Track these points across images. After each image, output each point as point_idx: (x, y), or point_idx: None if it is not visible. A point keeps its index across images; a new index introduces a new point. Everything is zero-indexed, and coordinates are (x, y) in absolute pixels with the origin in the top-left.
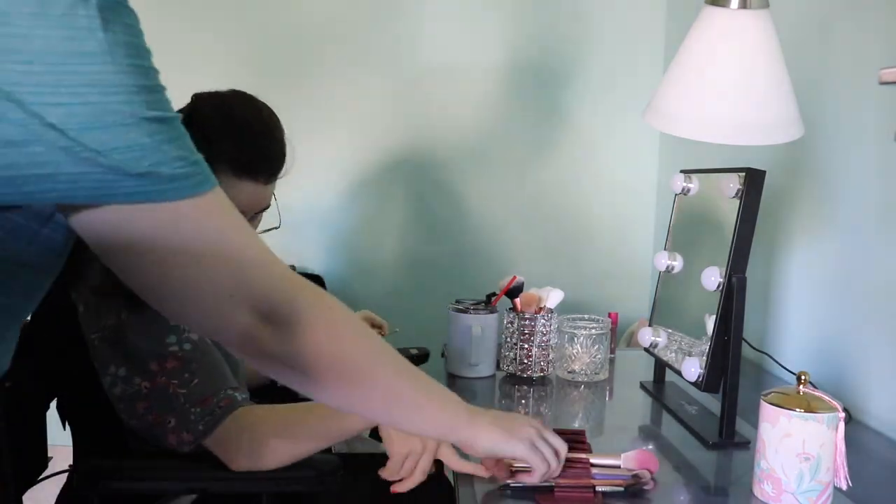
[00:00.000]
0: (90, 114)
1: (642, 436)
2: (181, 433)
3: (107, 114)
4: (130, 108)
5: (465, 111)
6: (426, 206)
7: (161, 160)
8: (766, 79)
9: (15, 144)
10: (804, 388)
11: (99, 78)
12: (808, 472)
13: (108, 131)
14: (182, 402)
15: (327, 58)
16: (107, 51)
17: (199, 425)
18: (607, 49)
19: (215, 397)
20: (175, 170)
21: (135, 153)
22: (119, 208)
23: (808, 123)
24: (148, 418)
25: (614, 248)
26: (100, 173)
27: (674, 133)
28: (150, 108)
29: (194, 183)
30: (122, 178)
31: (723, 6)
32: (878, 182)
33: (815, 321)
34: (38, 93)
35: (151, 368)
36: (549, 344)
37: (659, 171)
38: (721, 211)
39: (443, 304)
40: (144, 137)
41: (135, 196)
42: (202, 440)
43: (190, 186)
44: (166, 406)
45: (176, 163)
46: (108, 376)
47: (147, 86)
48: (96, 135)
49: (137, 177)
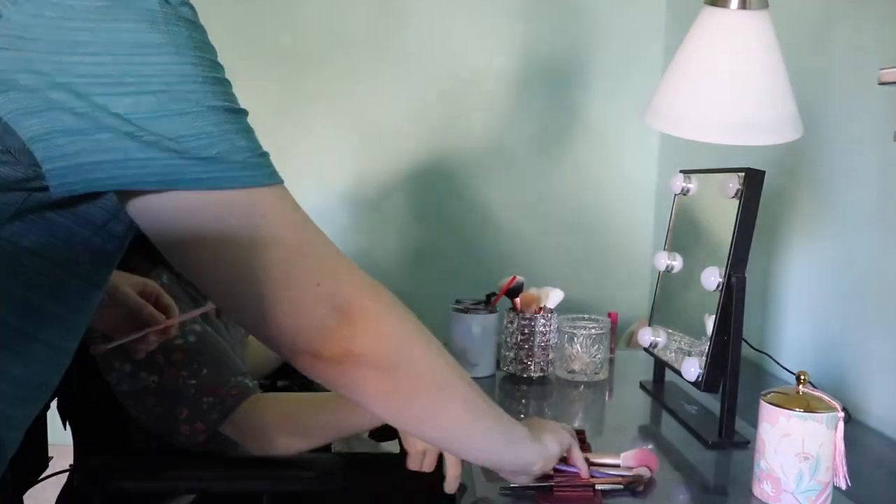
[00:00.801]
0: (155, 102)
1: (642, 435)
2: (195, 423)
3: (172, 101)
4: (196, 97)
5: (464, 113)
6: (426, 207)
7: (229, 148)
8: (766, 79)
9: (83, 132)
10: (803, 387)
11: (164, 68)
12: (808, 472)
13: (174, 119)
14: (193, 392)
15: (330, 59)
16: (170, 42)
17: (212, 414)
18: (607, 50)
19: (226, 385)
20: (245, 158)
21: (202, 141)
22: (187, 195)
23: (808, 124)
24: (157, 412)
25: (614, 248)
26: (167, 157)
27: (673, 133)
28: (216, 98)
29: (265, 174)
30: (190, 163)
31: (722, 7)
32: (878, 182)
33: (814, 321)
34: (103, 83)
35: (158, 361)
36: (549, 344)
37: (659, 171)
38: (720, 211)
39: (443, 304)
40: (211, 126)
41: (205, 182)
42: (216, 428)
43: (261, 176)
44: (176, 398)
45: (245, 152)
46: (113, 373)
47: (212, 77)
48: (163, 123)
49: (206, 161)
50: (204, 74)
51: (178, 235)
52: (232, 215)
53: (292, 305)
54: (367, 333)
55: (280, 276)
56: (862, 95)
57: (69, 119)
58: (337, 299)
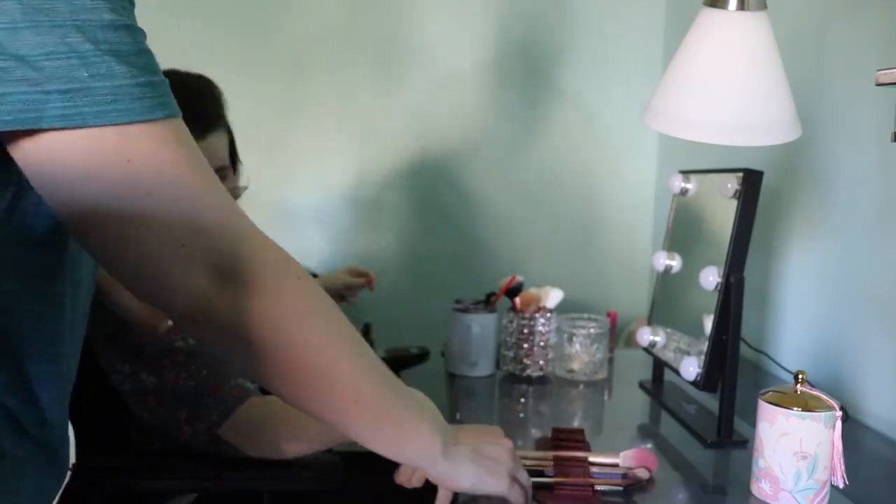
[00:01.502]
0: (21, 10)
1: (641, 435)
2: (195, 423)
3: (40, 11)
4: (69, 7)
5: (464, 112)
6: (426, 207)
7: (105, 73)
8: (764, 80)
9: None
10: (802, 387)
11: None
12: (806, 471)
13: (40, 32)
14: (193, 393)
15: (328, 58)
16: None
17: (212, 415)
18: (606, 51)
19: (226, 385)
20: (121, 87)
21: (70, 61)
22: (55, 136)
23: (806, 124)
24: (160, 412)
25: (613, 248)
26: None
27: (672, 134)
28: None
29: (146, 107)
30: (52, 97)
31: (721, 8)
32: (876, 182)
33: (812, 321)
34: None
35: (158, 363)
36: (549, 343)
37: (658, 171)
38: (719, 211)
39: (443, 304)
40: (86, 43)
41: (68, 118)
42: (216, 429)
43: (137, 111)
44: (176, 399)
45: (123, 78)
46: (116, 373)
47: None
48: (27, 38)
49: (71, 93)
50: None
51: (50, 180)
52: (96, 158)
53: (163, 267)
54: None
55: (149, 231)
56: (860, 96)
57: None
58: (214, 261)
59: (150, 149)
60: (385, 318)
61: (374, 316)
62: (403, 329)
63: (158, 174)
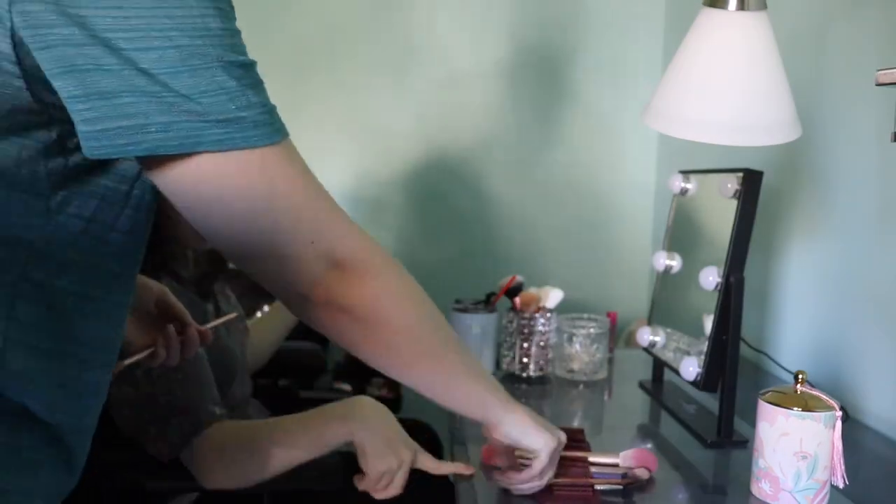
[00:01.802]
0: (179, 57)
1: (641, 435)
2: (158, 443)
3: (194, 56)
4: (216, 51)
5: (464, 113)
6: (426, 207)
7: (245, 104)
8: (764, 80)
9: (106, 97)
10: (802, 387)
11: (187, 22)
12: (806, 471)
13: (195, 74)
14: (163, 411)
15: (329, 58)
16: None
17: (175, 437)
18: (605, 50)
19: (194, 410)
20: (258, 116)
21: (221, 97)
22: (208, 158)
23: (806, 124)
24: (132, 424)
25: (613, 248)
26: (188, 121)
27: (672, 134)
28: (234, 51)
29: (275, 130)
30: (210, 126)
31: (721, 8)
32: (875, 182)
33: (812, 321)
34: (130, 38)
35: (136, 375)
36: (549, 343)
37: (657, 171)
38: (719, 211)
39: (443, 304)
40: (230, 81)
41: (223, 143)
42: (177, 453)
43: (271, 133)
44: (148, 414)
45: (258, 108)
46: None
47: (229, 29)
48: (184, 79)
49: (225, 123)
50: (222, 27)
51: (198, 197)
52: (244, 175)
53: (293, 259)
54: (351, 286)
55: (284, 231)
56: (860, 96)
57: (100, 77)
58: (332, 255)
59: (283, 164)
60: None
61: None
62: None
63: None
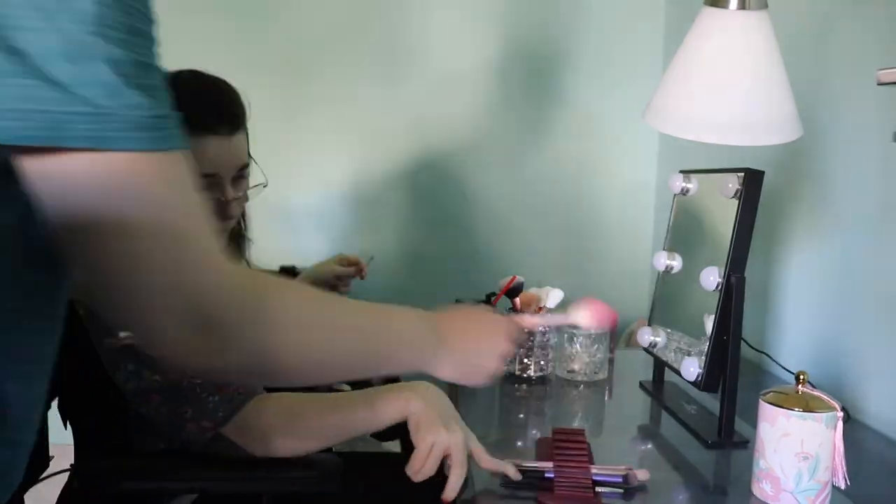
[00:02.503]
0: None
1: (641, 435)
2: (200, 421)
3: (77, 43)
4: (105, 42)
5: (463, 113)
6: (426, 207)
7: (125, 103)
8: (765, 79)
9: None
10: (803, 387)
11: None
12: (807, 472)
13: (76, 63)
14: (198, 391)
15: (329, 58)
16: None
17: (218, 412)
18: (607, 49)
19: (231, 384)
20: (139, 117)
21: (97, 90)
22: (72, 157)
23: (807, 124)
24: (163, 410)
25: (614, 248)
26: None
27: (673, 133)
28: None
29: (157, 137)
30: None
31: (722, 7)
32: (877, 182)
33: (813, 321)
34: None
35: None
36: (549, 343)
37: (658, 171)
38: (720, 211)
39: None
40: (113, 76)
41: (91, 140)
42: (222, 427)
43: (151, 139)
44: (181, 397)
45: (140, 110)
46: (120, 371)
47: (132, 26)
48: (62, 65)
49: (95, 117)
50: (121, 21)
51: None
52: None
53: (148, 306)
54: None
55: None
56: (861, 96)
57: None
58: (197, 313)
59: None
60: None
61: None
62: None
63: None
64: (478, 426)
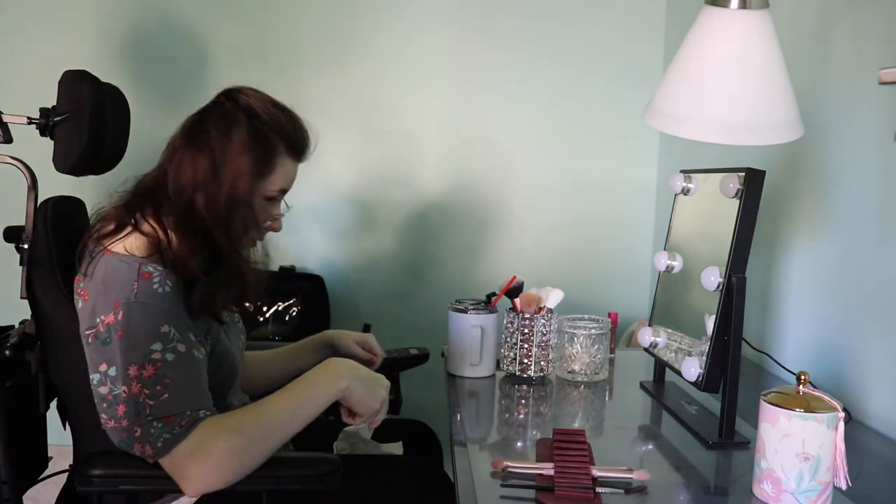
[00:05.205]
0: None
1: (642, 435)
2: (143, 445)
3: None
4: None
5: (464, 113)
6: (426, 207)
7: None
8: (766, 79)
9: None
10: (804, 387)
11: None
12: (808, 472)
13: None
14: (147, 413)
15: (329, 58)
16: None
17: (158, 441)
18: (607, 50)
19: (180, 417)
20: None
21: None
22: None
23: (808, 123)
24: (123, 424)
25: (614, 248)
26: None
27: (674, 133)
28: None
29: None
30: None
31: (722, 6)
32: (878, 182)
33: (814, 321)
34: None
35: (129, 374)
36: (549, 344)
37: (659, 170)
38: (721, 211)
39: (443, 304)
40: None
41: None
42: (159, 458)
43: None
44: (135, 414)
45: None
46: (97, 374)
47: None
48: None
49: None
50: None
51: None
52: None
53: None
54: None
55: None
56: (862, 95)
57: None
58: None
59: None
60: (385, 319)
61: (374, 316)
62: (403, 329)
63: None
64: (478, 426)
